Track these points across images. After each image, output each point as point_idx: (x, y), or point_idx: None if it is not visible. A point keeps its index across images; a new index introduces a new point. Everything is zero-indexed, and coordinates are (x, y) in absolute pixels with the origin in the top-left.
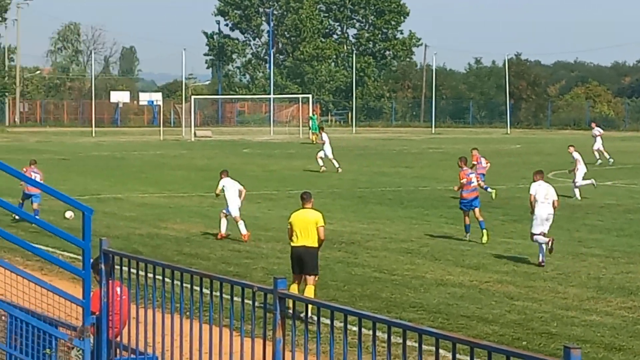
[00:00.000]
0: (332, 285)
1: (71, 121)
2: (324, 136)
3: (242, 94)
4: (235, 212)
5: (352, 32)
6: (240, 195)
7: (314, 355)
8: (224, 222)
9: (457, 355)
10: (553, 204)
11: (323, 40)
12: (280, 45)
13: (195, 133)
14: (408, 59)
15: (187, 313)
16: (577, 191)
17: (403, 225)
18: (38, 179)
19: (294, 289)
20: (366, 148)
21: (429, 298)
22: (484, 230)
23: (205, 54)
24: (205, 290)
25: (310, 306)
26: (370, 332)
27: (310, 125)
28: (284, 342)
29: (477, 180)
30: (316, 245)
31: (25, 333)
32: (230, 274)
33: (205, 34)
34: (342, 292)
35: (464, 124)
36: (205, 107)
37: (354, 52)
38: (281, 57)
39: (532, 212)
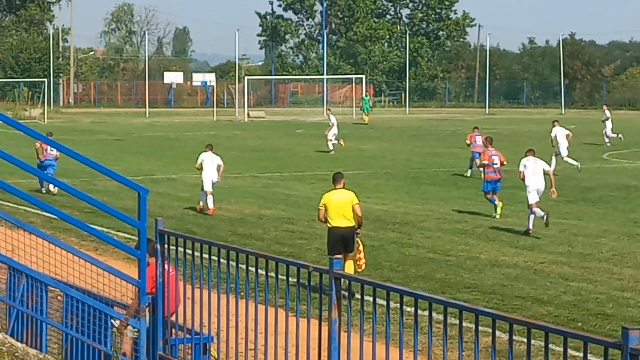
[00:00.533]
0: (386, 265)
1: (125, 102)
2: (332, 118)
3: (295, 75)
4: (207, 186)
5: (405, 12)
6: (218, 170)
7: (369, 336)
8: (210, 197)
9: (513, 337)
10: (549, 174)
11: (376, 20)
12: (333, 25)
13: (248, 114)
14: (461, 39)
15: (242, 293)
16: (570, 160)
17: (457, 205)
18: (54, 151)
19: (349, 267)
20: (419, 129)
21: (483, 279)
22: (499, 205)
23: (258, 35)
24: (260, 271)
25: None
26: (425, 313)
27: (362, 106)
28: (339, 323)
29: (495, 161)
30: (354, 224)
31: (81, 313)
32: (285, 255)
33: (259, 14)
34: (396, 273)
35: (518, 104)
36: (259, 87)
37: (407, 32)
38: (334, 37)
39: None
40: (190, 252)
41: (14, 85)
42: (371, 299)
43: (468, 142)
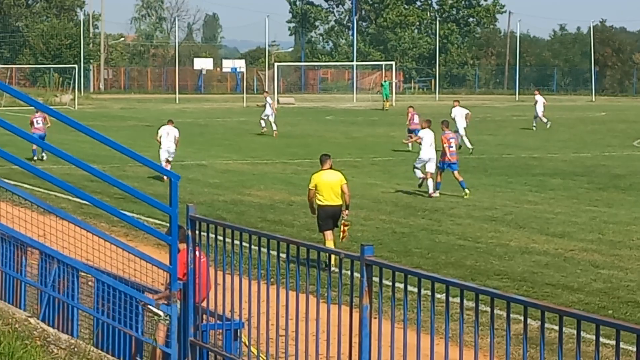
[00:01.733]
0: (416, 252)
1: (155, 88)
2: (269, 99)
3: (325, 61)
4: (163, 155)
5: None
6: (174, 142)
7: (400, 323)
8: (167, 165)
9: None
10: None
11: (406, 7)
12: (363, 12)
13: (278, 100)
14: (492, 26)
15: (272, 280)
16: (466, 140)
17: (487, 192)
18: (41, 121)
19: (330, 246)
20: (449, 115)
21: (513, 266)
22: (466, 190)
23: (288, 21)
24: (291, 257)
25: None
26: (456, 300)
27: (382, 91)
28: (370, 310)
29: (452, 144)
30: (342, 202)
31: (112, 298)
32: (315, 241)
33: (289, 1)
34: (426, 260)
35: (548, 91)
36: (288, 74)
37: (438, 18)
38: (364, 24)
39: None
40: (221, 238)
41: (44, 72)
42: (402, 285)
43: (408, 119)
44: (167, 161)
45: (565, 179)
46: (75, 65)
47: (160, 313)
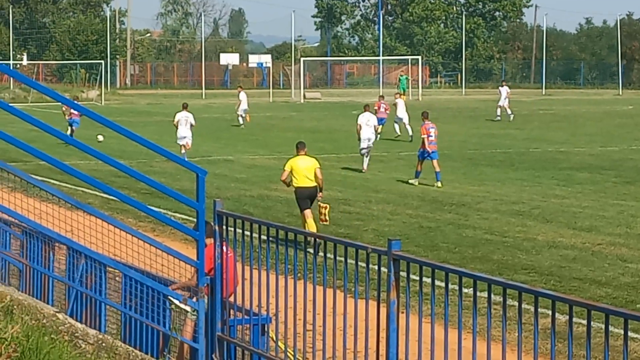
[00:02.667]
0: (443, 247)
1: (181, 83)
2: (242, 95)
3: (351, 56)
4: (181, 141)
5: None
6: (189, 127)
7: (428, 317)
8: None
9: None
10: (374, 128)
11: (432, 1)
12: (389, 6)
13: (304, 95)
14: (518, 20)
15: (300, 275)
16: (409, 128)
17: (514, 187)
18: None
19: (311, 224)
20: (476, 110)
21: (540, 260)
22: (439, 182)
23: (313, 16)
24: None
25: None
26: (484, 294)
27: (400, 85)
28: (398, 304)
29: (431, 133)
30: (315, 184)
31: (140, 293)
32: (342, 236)
33: None
34: (453, 254)
35: (575, 85)
36: (314, 69)
37: (464, 12)
38: (390, 18)
39: (359, 138)
40: (248, 233)
41: (71, 67)
42: (429, 280)
43: (376, 108)
44: (184, 145)
45: (593, 173)
46: (102, 61)
47: (187, 308)
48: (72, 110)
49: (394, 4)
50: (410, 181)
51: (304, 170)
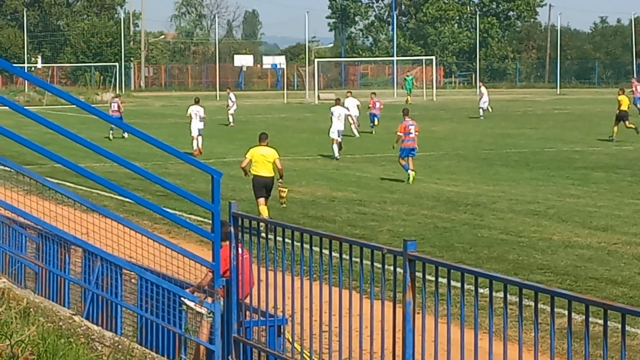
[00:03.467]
0: (458, 247)
1: (195, 85)
2: (232, 96)
3: (365, 57)
4: (194, 132)
5: None
6: (198, 119)
7: (444, 318)
8: (199, 140)
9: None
10: (346, 118)
11: (446, 1)
12: (403, 6)
13: (318, 96)
14: (532, 19)
15: (315, 276)
16: (354, 129)
17: (529, 186)
18: (116, 107)
19: (263, 210)
20: (491, 109)
21: (556, 260)
22: (411, 173)
23: (327, 17)
24: (333, 253)
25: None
26: (500, 295)
27: (405, 86)
28: (414, 305)
29: (411, 131)
30: (274, 175)
31: (156, 295)
32: (357, 237)
33: None
34: (468, 254)
35: (590, 84)
36: (329, 70)
37: (478, 12)
38: (404, 18)
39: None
40: (263, 234)
41: (85, 70)
42: (445, 280)
43: (370, 105)
44: (198, 136)
45: (608, 172)
46: (116, 64)
47: (203, 311)
48: (112, 108)
49: (408, 4)
50: (405, 179)
51: (263, 159)
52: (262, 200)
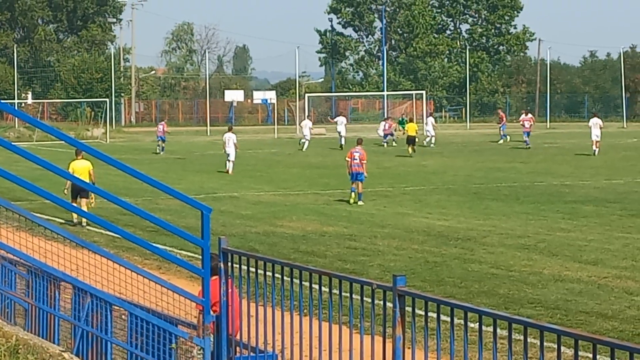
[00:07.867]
0: (448, 281)
1: (186, 120)
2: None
3: (355, 91)
4: (230, 156)
5: (465, 27)
6: (233, 146)
7: (434, 353)
8: (228, 164)
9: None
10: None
11: (436, 36)
12: (393, 41)
13: (310, 130)
14: (522, 54)
15: (305, 311)
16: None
17: (519, 220)
18: (162, 127)
19: (81, 204)
20: (481, 144)
21: (547, 294)
22: (361, 201)
23: (318, 52)
24: (323, 288)
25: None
26: (489, 329)
27: (399, 122)
28: (403, 340)
29: (355, 157)
30: (89, 182)
31: (146, 332)
32: (347, 272)
33: (318, 31)
34: (459, 289)
35: (579, 118)
36: (319, 104)
37: (467, 47)
38: (394, 53)
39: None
40: (253, 270)
41: (76, 106)
42: (435, 315)
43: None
44: (228, 161)
45: (598, 206)
46: (107, 99)
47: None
48: (158, 129)
49: (398, 39)
50: (351, 201)
51: (80, 170)
52: (78, 200)
